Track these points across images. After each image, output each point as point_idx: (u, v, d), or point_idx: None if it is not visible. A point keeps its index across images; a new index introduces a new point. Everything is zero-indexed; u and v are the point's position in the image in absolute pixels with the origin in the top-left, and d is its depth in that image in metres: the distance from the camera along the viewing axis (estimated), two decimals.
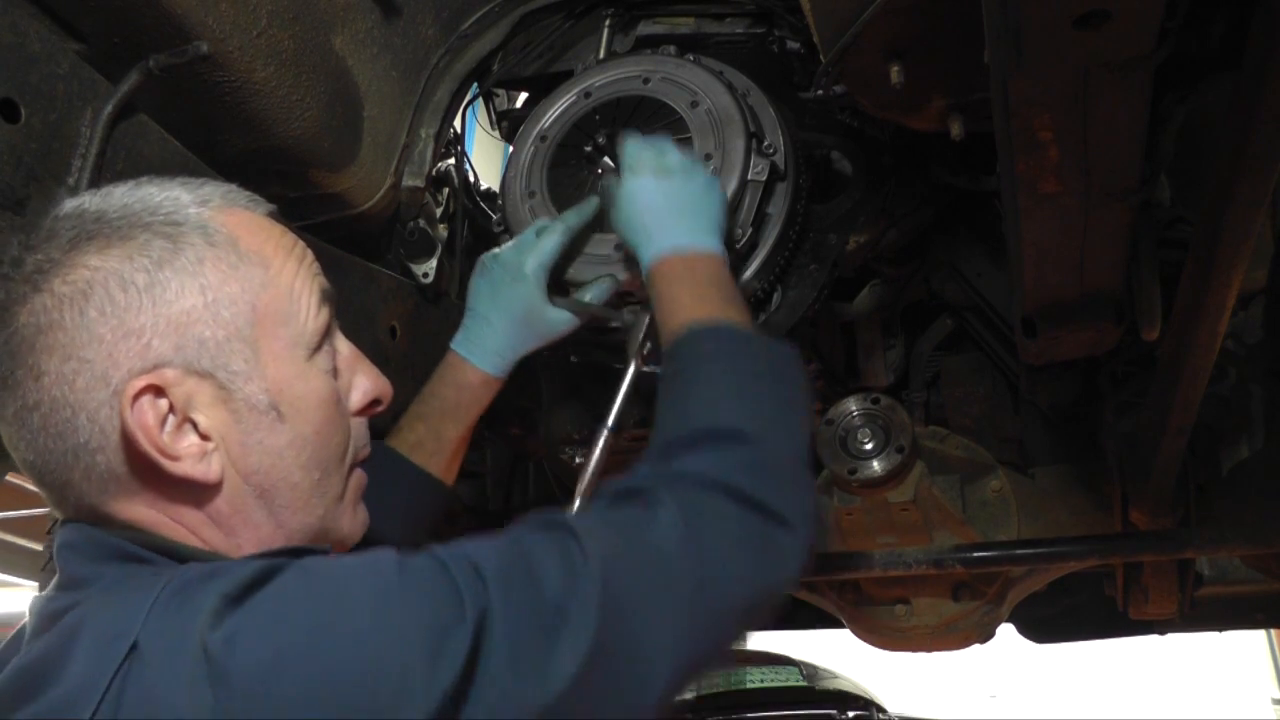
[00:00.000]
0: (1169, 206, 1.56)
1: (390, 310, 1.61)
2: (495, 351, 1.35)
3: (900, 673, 5.82)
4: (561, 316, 1.36)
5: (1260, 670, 9.25)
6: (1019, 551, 1.94)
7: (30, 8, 1.10)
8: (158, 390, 0.80)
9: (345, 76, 1.47)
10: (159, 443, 0.80)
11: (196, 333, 0.82)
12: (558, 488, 2.33)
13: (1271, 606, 2.49)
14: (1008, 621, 2.42)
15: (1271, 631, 8.69)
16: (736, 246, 1.41)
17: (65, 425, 0.80)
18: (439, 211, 1.74)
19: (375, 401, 0.97)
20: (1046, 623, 2.84)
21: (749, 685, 3.97)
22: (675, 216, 1.24)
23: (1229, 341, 1.86)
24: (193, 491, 0.83)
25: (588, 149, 1.49)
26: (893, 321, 2.15)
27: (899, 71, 1.22)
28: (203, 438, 0.82)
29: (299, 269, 0.90)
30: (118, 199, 0.85)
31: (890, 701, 4.13)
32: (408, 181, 1.65)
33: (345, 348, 0.96)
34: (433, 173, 1.68)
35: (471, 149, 1.90)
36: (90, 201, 0.85)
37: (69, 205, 0.85)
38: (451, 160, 1.77)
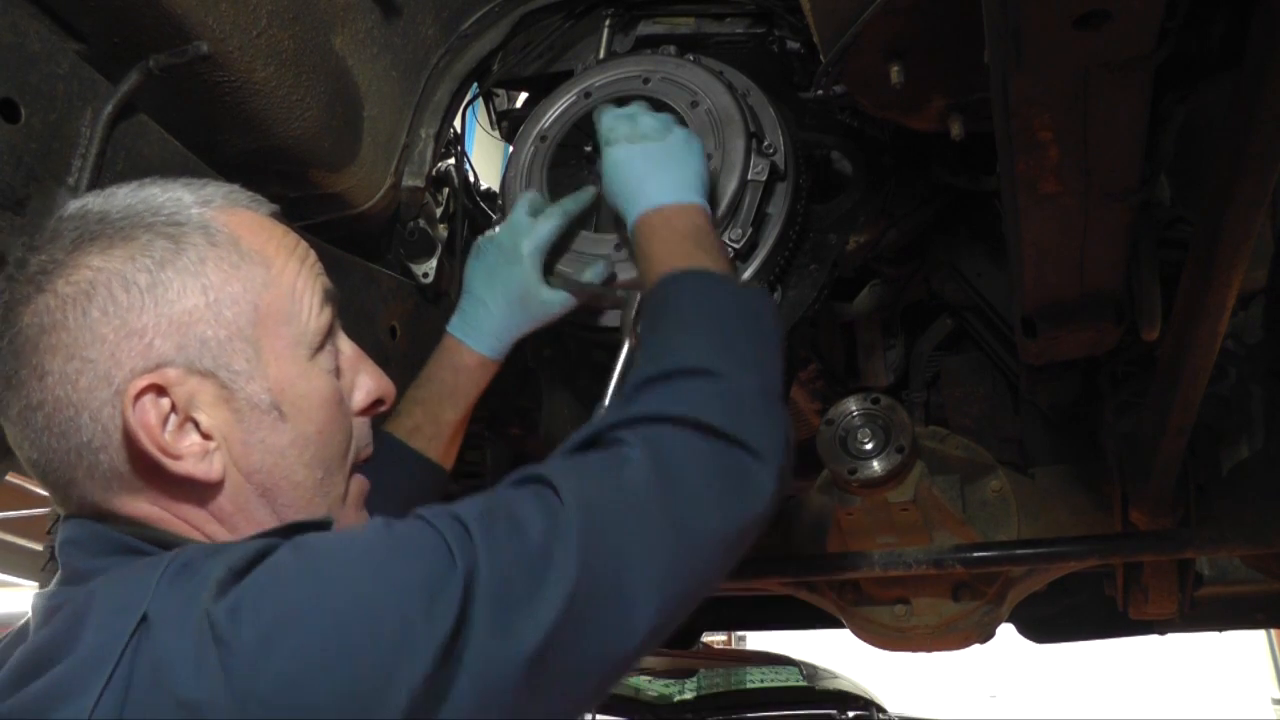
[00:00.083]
0: (1169, 206, 1.56)
1: (390, 310, 1.61)
2: (491, 333, 1.36)
3: (900, 673, 5.83)
4: (557, 297, 1.37)
5: (1260, 670, 9.26)
6: (1019, 551, 1.94)
7: (30, 8, 1.10)
8: (159, 389, 0.81)
9: (345, 76, 1.47)
10: (160, 442, 0.80)
11: (198, 332, 0.83)
12: None
13: (1271, 606, 2.48)
14: (1008, 621, 2.42)
15: (1271, 631, 8.70)
16: (737, 246, 1.41)
17: (68, 424, 0.81)
18: (439, 211, 1.74)
19: (378, 402, 0.97)
20: (1046, 623, 2.84)
21: (749, 685, 3.97)
22: (652, 177, 1.25)
23: (1229, 341, 1.86)
24: (195, 490, 0.83)
25: (587, 149, 1.49)
26: (893, 321, 2.14)
27: (899, 71, 1.22)
28: (204, 437, 0.83)
29: (301, 269, 0.90)
30: (121, 200, 0.86)
31: (890, 701, 4.13)
32: (408, 181, 1.64)
33: (348, 348, 0.96)
34: (433, 173, 1.68)
35: (471, 149, 1.89)
36: (94, 202, 0.86)
37: (73, 206, 0.86)
38: (451, 160, 1.77)
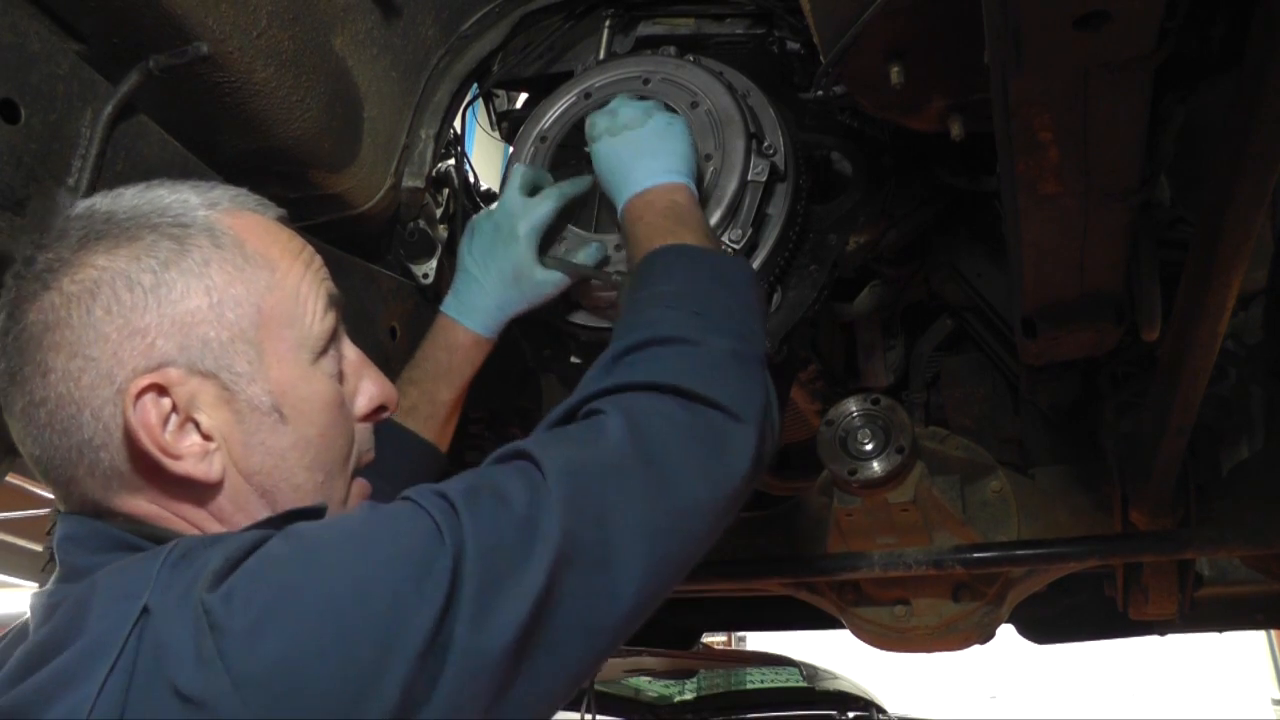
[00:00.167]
0: (1169, 206, 1.56)
1: (391, 311, 1.61)
2: (485, 311, 1.37)
3: (900, 673, 5.83)
4: (551, 277, 1.38)
5: (1260, 670, 9.26)
6: (1019, 552, 1.94)
7: (30, 8, 1.10)
8: (161, 389, 0.81)
9: (345, 77, 1.47)
10: (161, 441, 0.80)
11: (201, 333, 0.83)
12: None
13: (1271, 606, 2.48)
14: (1008, 622, 2.41)
15: (1271, 631, 8.70)
16: (737, 247, 1.40)
17: (70, 421, 0.81)
18: (439, 212, 1.74)
19: (381, 408, 0.97)
20: (1046, 623, 2.84)
21: (749, 686, 3.97)
22: (636, 164, 1.27)
23: (1229, 341, 1.86)
24: (195, 490, 0.84)
25: (587, 149, 1.49)
26: (893, 322, 2.14)
27: (899, 72, 1.22)
28: (205, 438, 0.83)
29: (306, 273, 0.90)
30: (128, 200, 0.86)
31: (890, 701, 4.13)
32: (408, 182, 1.64)
33: (352, 353, 0.96)
34: (433, 173, 1.68)
35: (471, 149, 1.89)
36: (101, 202, 0.86)
37: (81, 206, 0.86)
38: (451, 161, 1.77)
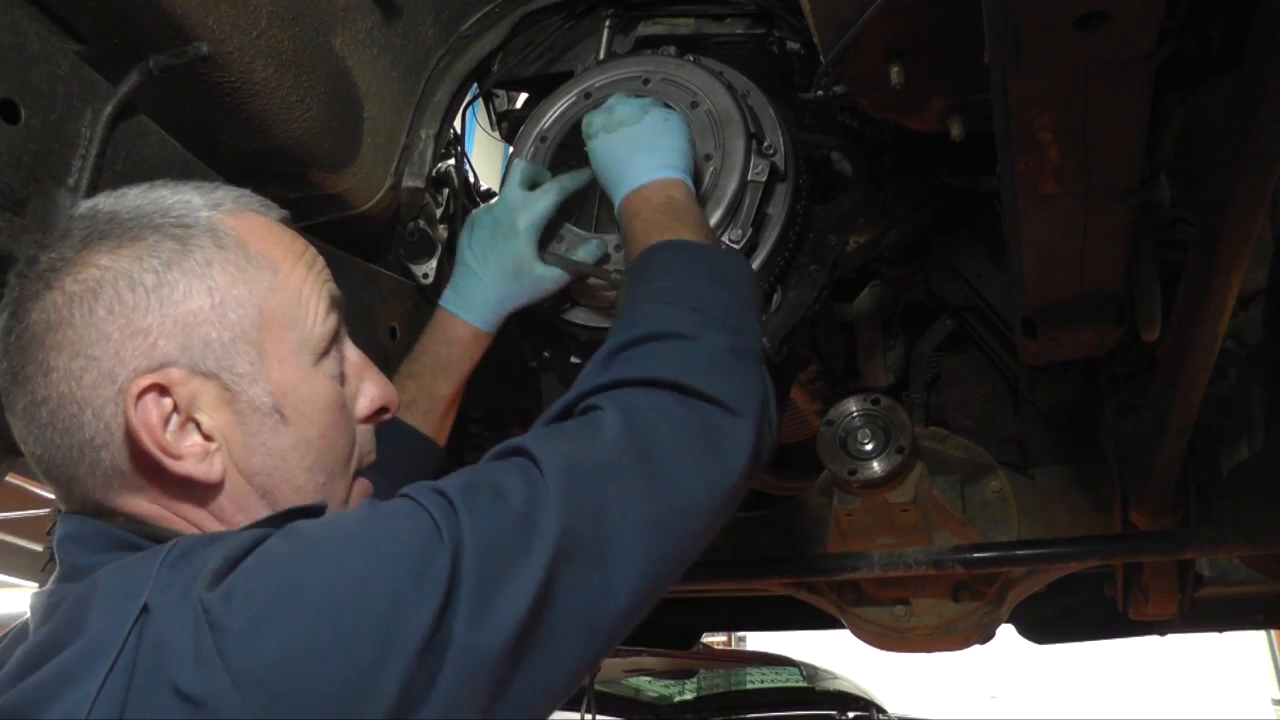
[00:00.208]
0: (1169, 206, 1.56)
1: (391, 311, 1.61)
2: (484, 305, 1.36)
3: (900, 673, 5.83)
4: (550, 273, 1.37)
5: (1260, 670, 9.26)
6: (1019, 552, 1.94)
7: (30, 8, 1.10)
8: (162, 389, 0.81)
9: (345, 77, 1.47)
10: (161, 441, 0.80)
11: (202, 334, 0.83)
12: None
13: (1271, 606, 2.49)
14: (1008, 622, 2.41)
15: (1271, 632, 8.69)
16: (737, 247, 1.40)
17: (72, 421, 0.81)
18: (439, 212, 1.74)
19: (382, 409, 0.97)
20: (1046, 623, 2.84)
21: (749, 686, 3.97)
22: (632, 161, 1.27)
23: (1229, 341, 1.86)
24: (195, 490, 0.84)
25: (587, 149, 1.49)
26: (893, 322, 2.14)
27: (899, 72, 1.22)
28: (205, 438, 0.83)
29: (308, 274, 0.90)
30: (131, 200, 0.86)
31: (890, 701, 4.13)
32: (408, 182, 1.64)
33: (354, 355, 0.96)
34: (433, 173, 1.68)
35: (471, 149, 1.89)
36: (104, 202, 0.86)
37: (84, 205, 0.86)
38: (451, 161, 1.77)
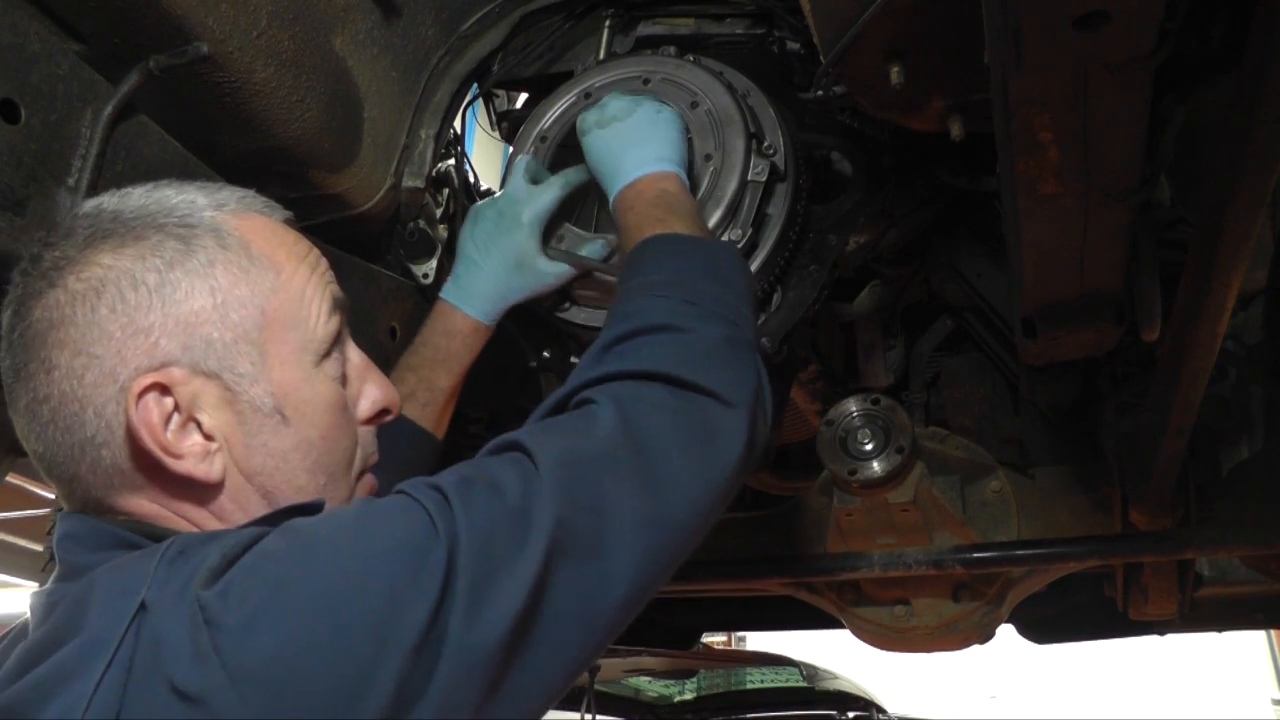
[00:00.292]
0: (1169, 206, 1.56)
1: (391, 311, 1.61)
2: (485, 297, 1.36)
3: (900, 673, 5.83)
4: (553, 268, 1.37)
5: (1260, 670, 9.27)
6: (1019, 552, 1.94)
7: (30, 8, 1.10)
8: (163, 388, 0.81)
9: (345, 77, 1.47)
10: (162, 440, 0.80)
11: (204, 333, 0.83)
12: None
13: (1271, 606, 2.49)
14: (1008, 622, 2.41)
15: (1271, 631, 8.70)
16: (737, 247, 1.40)
17: (73, 419, 0.81)
18: (439, 212, 1.74)
19: (384, 411, 0.97)
20: (1046, 623, 2.84)
21: (749, 686, 3.97)
22: (626, 155, 1.28)
23: (1229, 341, 1.86)
24: (195, 489, 0.84)
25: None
26: (893, 322, 2.14)
27: (899, 72, 1.22)
28: (206, 437, 0.83)
29: (311, 275, 0.91)
30: (135, 200, 0.86)
31: (890, 701, 4.13)
32: (408, 182, 1.64)
33: (356, 356, 0.96)
34: (433, 173, 1.68)
35: (471, 149, 1.89)
36: (108, 201, 0.86)
37: (88, 204, 0.86)
38: (451, 161, 1.77)
